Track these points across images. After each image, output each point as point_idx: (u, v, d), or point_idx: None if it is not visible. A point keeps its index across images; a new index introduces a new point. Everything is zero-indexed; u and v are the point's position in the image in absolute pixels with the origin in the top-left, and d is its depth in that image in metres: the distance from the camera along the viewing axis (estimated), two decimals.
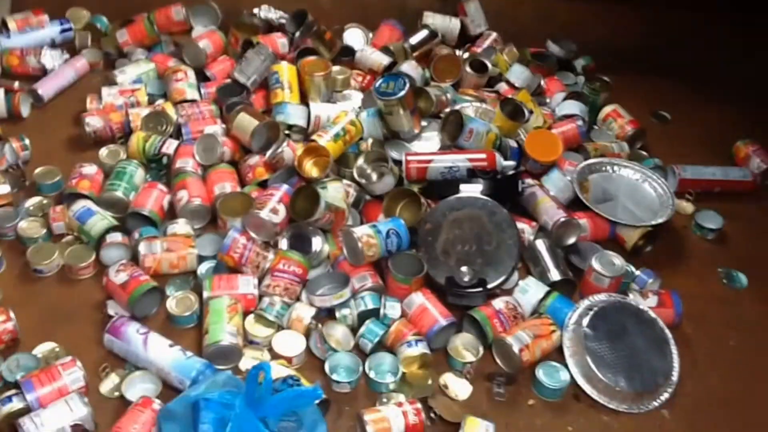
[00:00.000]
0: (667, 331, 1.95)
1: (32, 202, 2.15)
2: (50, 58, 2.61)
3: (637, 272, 2.13)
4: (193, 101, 2.46)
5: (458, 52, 2.86)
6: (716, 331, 2.07)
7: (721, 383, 1.94)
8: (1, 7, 2.79)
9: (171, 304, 1.89)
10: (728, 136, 2.71)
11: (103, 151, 2.29)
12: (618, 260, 2.06)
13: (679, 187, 2.43)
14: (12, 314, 1.78)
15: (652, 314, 1.96)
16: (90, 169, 2.19)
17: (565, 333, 1.93)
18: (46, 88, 2.52)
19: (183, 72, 2.52)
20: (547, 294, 2.00)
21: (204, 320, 1.84)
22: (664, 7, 3.04)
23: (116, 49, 2.74)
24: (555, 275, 2.06)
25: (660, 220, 2.23)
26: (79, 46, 2.75)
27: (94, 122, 2.35)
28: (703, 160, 2.54)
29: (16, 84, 2.54)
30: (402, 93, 2.23)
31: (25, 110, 2.46)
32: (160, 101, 2.50)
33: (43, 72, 2.60)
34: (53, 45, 2.72)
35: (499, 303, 1.96)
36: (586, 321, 1.91)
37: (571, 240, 2.16)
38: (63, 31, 2.76)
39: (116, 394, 1.72)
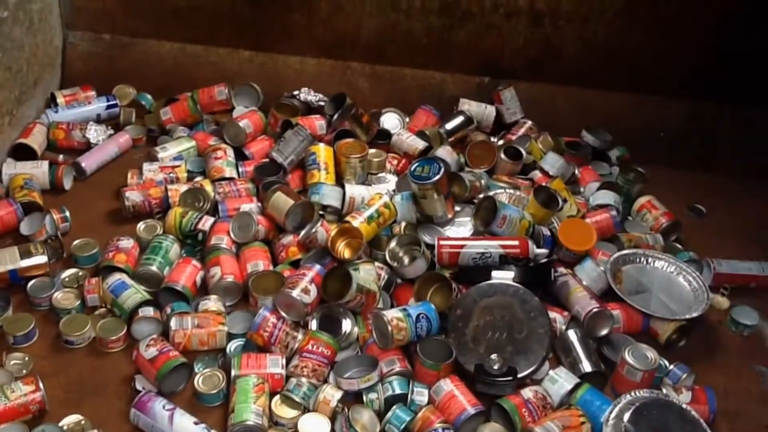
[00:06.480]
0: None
1: (68, 273, 2.18)
2: (95, 133, 2.69)
3: (671, 366, 2.09)
4: (230, 179, 2.51)
5: (493, 139, 2.90)
6: (753, 430, 2.01)
7: None
8: (51, 81, 2.89)
9: (198, 381, 1.89)
10: (765, 230, 2.68)
11: (141, 226, 2.33)
12: (651, 353, 2.02)
13: (714, 282, 2.39)
14: (41, 384, 1.79)
15: (695, 414, 1.89)
16: (127, 242, 2.23)
17: (605, 428, 1.86)
18: (89, 162, 2.59)
19: (222, 150, 2.58)
20: (578, 385, 1.96)
21: (231, 399, 1.83)
22: (700, 98, 3.07)
23: (159, 126, 2.82)
24: (586, 366, 2.03)
25: (694, 314, 2.20)
26: (123, 122, 2.84)
27: (133, 197, 2.39)
28: (738, 254, 2.51)
29: (61, 157, 2.61)
30: (437, 177, 2.26)
31: (67, 183, 2.52)
32: (198, 178, 2.55)
33: (88, 146, 2.67)
34: (99, 120, 2.81)
35: (528, 392, 1.93)
36: (627, 416, 1.85)
37: (604, 331, 2.14)
38: (109, 107, 2.86)
39: None
